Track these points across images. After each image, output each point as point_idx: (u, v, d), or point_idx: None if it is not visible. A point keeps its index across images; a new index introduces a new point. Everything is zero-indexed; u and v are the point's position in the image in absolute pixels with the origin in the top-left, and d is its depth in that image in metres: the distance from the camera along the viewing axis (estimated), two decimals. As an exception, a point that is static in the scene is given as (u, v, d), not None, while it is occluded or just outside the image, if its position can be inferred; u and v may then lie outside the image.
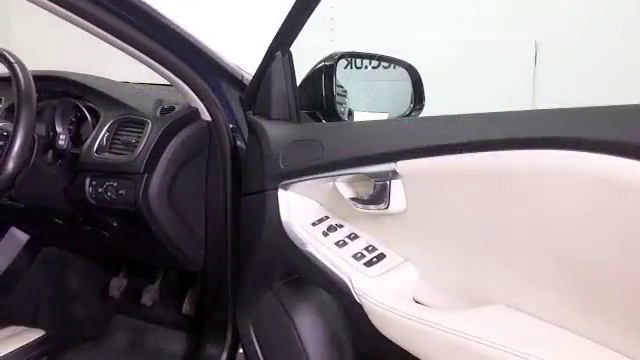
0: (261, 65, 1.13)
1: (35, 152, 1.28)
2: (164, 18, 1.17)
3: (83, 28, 1.05)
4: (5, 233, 1.75)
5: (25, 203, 1.37)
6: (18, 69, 1.23)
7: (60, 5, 0.98)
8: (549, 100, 2.34)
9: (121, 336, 1.85)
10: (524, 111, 0.79)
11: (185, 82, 1.23)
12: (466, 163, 0.78)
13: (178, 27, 1.21)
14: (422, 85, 1.31)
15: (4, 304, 1.70)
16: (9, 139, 1.18)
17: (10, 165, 1.16)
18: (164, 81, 1.25)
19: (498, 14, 2.47)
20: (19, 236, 1.77)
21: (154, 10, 1.15)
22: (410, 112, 1.31)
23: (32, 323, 1.21)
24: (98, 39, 1.10)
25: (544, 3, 2.37)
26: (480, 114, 0.81)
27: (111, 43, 1.11)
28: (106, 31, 1.07)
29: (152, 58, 1.16)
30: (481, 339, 0.73)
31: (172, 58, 1.18)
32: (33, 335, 1.16)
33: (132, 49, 1.13)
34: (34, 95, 1.22)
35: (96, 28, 1.06)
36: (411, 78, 1.32)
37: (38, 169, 1.29)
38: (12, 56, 1.26)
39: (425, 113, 1.31)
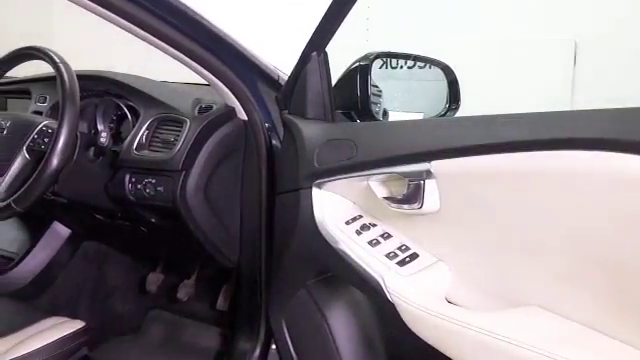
0: (297, 65, 1.14)
1: (78, 149, 1.31)
2: (203, 19, 1.20)
3: (124, 28, 1.09)
4: (48, 228, 1.81)
5: (67, 198, 1.41)
6: (63, 69, 1.27)
7: (101, 5, 1.02)
8: (588, 101, 2.30)
9: (157, 330, 1.89)
10: (561, 112, 0.79)
11: (223, 82, 1.25)
12: (501, 163, 0.78)
13: (216, 28, 1.23)
14: (458, 85, 1.31)
15: (47, 295, 1.76)
16: (53, 136, 1.22)
17: (54, 161, 1.20)
18: (202, 81, 1.27)
19: (537, 14, 2.44)
20: (61, 231, 1.82)
21: (193, 11, 1.18)
22: (445, 112, 1.31)
23: (73, 315, 1.25)
24: (138, 39, 1.13)
25: (584, 3, 2.32)
26: (516, 114, 0.81)
27: (151, 43, 1.14)
28: (146, 31, 1.10)
29: (191, 58, 1.19)
30: (513, 340, 0.73)
31: (210, 58, 1.20)
32: (74, 326, 1.18)
33: (171, 49, 1.16)
34: (78, 94, 1.26)
35: (136, 28, 1.09)
36: (447, 78, 1.31)
37: (80, 166, 1.33)
38: (57, 56, 1.30)
39: (463, 113, 1.30)
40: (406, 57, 1.43)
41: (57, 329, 1.16)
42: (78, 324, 1.19)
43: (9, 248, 1.88)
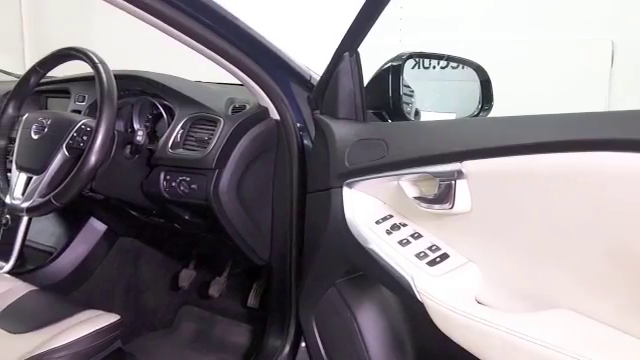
0: (329, 65, 1.15)
1: (115, 147, 1.34)
2: (237, 20, 1.21)
3: (159, 29, 1.11)
4: (86, 223, 1.85)
5: (104, 195, 1.44)
6: (102, 69, 1.30)
7: (136, 6, 1.04)
8: (625, 102, 2.25)
9: (188, 325, 1.92)
10: (596, 113, 0.78)
11: (256, 82, 1.27)
12: (534, 164, 0.77)
13: (250, 28, 1.24)
14: (491, 86, 1.30)
15: (83, 289, 1.80)
16: (92, 134, 1.25)
17: (92, 159, 1.23)
18: (236, 81, 1.29)
19: (574, 14, 2.39)
20: (98, 226, 1.86)
21: (227, 12, 1.19)
22: (478, 113, 1.30)
23: (108, 308, 1.27)
24: (174, 40, 1.15)
25: (621, 2, 2.27)
26: (550, 115, 0.80)
27: (186, 44, 1.16)
28: (181, 32, 1.12)
29: (225, 58, 1.21)
30: (543, 342, 0.72)
31: (244, 59, 1.22)
32: (109, 319, 1.20)
33: (206, 49, 1.18)
34: (115, 94, 1.29)
35: (172, 29, 1.11)
36: (480, 79, 1.31)
37: (117, 163, 1.36)
38: (96, 57, 1.33)
39: (498, 114, 1.29)
40: (439, 57, 1.42)
41: (92, 322, 1.19)
42: (113, 317, 1.21)
43: (48, 242, 1.93)
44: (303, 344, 1.40)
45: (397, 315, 1.12)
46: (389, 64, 1.22)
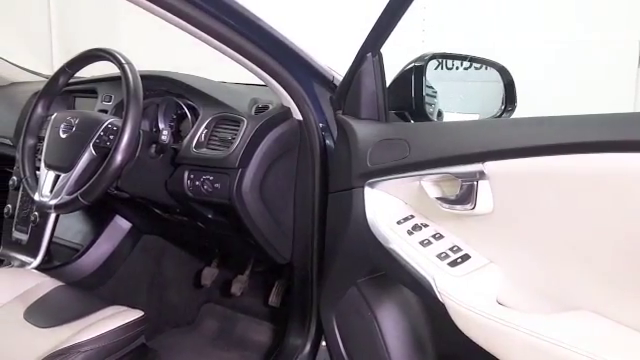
0: (352, 66, 1.15)
1: (140, 146, 1.36)
2: (260, 21, 1.22)
3: (183, 30, 1.12)
4: (111, 221, 1.88)
5: (129, 193, 1.46)
6: (128, 69, 1.32)
7: (162, 7, 1.06)
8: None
9: (210, 323, 1.94)
10: (619, 114, 0.77)
11: (279, 82, 1.27)
12: (556, 165, 0.77)
13: (273, 29, 1.25)
14: (514, 87, 1.29)
15: (108, 285, 1.83)
16: (118, 134, 1.27)
17: (118, 157, 1.25)
18: (259, 81, 1.30)
19: (601, 14, 2.36)
20: (123, 224, 1.89)
21: (250, 13, 1.20)
22: (501, 114, 1.30)
23: (132, 305, 1.29)
24: (198, 40, 1.17)
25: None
26: (572, 116, 0.80)
27: (210, 44, 1.17)
28: (205, 32, 1.13)
29: (248, 59, 1.22)
30: (564, 344, 0.72)
31: (267, 59, 1.23)
32: (133, 315, 1.22)
33: (229, 50, 1.19)
34: (141, 94, 1.30)
35: (196, 30, 1.12)
36: (503, 80, 1.30)
37: (142, 162, 1.38)
38: (123, 57, 1.35)
39: (524, 114, 1.28)
40: (462, 58, 1.42)
41: (117, 317, 1.20)
42: (137, 313, 1.23)
43: (74, 239, 1.96)
44: (324, 343, 1.41)
45: (418, 315, 1.12)
46: (412, 65, 1.22)
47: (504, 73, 1.30)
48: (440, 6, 2.75)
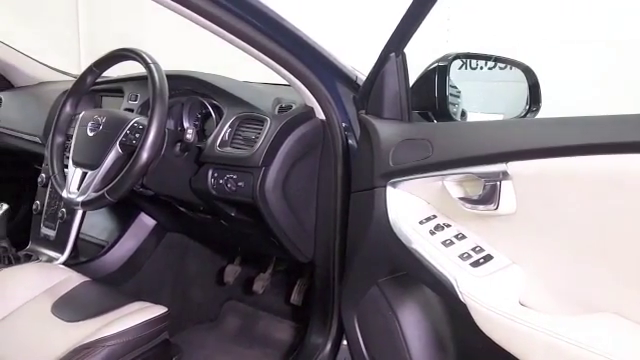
0: (375, 66, 1.15)
1: (165, 145, 1.37)
2: (284, 20, 1.23)
3: (208, 29, 1.13)
4: (136, 218, 1.91)
5: (154, 191, 1.48)
6: (154, 69, 1.34)
7: (186, 7, 1.07)
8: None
9: (232, 320, 1.95)
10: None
11: (302, 82, 1.28)
12: (580, 166, 0.76)
13: (297, 29, 1.26)
14: (539, 87, 1.28)
15: (132, 282, 1.85)
16: (144, 132, 1.29)
17: (144, 156, 1.27)
18: (282, 81, 1.31)
19: (631, 13, 2.32)
20: (147, 221, 1.91)
21: (274, 12, 1.21)
22: (525, 114, 1.29)
23: (155, 301, 1.30)
24: (223, 41, 1.18)
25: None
26: (596, 116, 0.79)
27: (234, 44, 1.18)
28: (229, 32, 1.14)
29: (272, 59, 1.23)
30: (586, 346, 0.72)
31: (291, 59, 1.24)
32: (157, 311, 1.23)
33: (253, 50, 1.20)
34: (167, 93, 1.32)
35: (220, 29, 1.13)
36: (528, 80, 1.29)
37: (167, 160, 1.39)
38: (149, 57, 1.37)
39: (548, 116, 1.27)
40: (486, 58, 1.41)
41: (141, 313, 1.22)
42: (161, 309, 1.24)
43: (100, 236, 1.99)
44: (345, 342, 1.41)
45: (439, 316, 1.12)
46: (435, 64, 1.22)
47: (529, 73, 1.29)
48: (465, 5, 2.73)
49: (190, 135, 1.39)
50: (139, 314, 1.22)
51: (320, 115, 1.34)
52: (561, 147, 0.79)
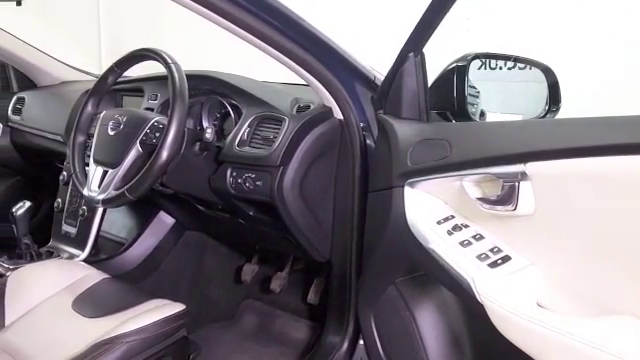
0: (393, 66, 1.15)
1: (185, 144, 1.38)
2: (302, 20, 1.24)
3: (227, 29, 1.14)
4: (155, 217, 1.93)
5: (174, 189, 1.49)
6: (174, 69, 1.35)
7: (204, 6, 1.08)
8: None
9: (250, 318, 1.96)
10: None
11: (320, 82, 1.28)
12: (601, 167, 0.75)
13: (315, 29, 1.26)
14: (559, 87, 1.27)
15: (151, 279, 1.87)
16: (164, 131, 1.30)
17: (164, 154, 1.28)
18: (301, 81, 1.31)
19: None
20: (166, 220, 1.93)
21: (293, 12, 1.22)
22: (545, 114, 1.28)
23: (174, 298, 1.31)
24: (242, 40, 1.19)
25: None
26: (616, 117, 0.78)
27: (253, 44, 1.19)
28: (248, 32, 1.15)
29: (290, 58, 1.23)
30: (605, 348, 0.71)
31: (309, 59, 1.24)
32: (175, 308, 1.24)
33: (272, 50, 1.20)
34: (187, 93, 1.33)
35: (239, 29, 1.14)
36: (547, 80, 1.28)
37: (187, 159, 1.40)
38: (169, 57, 1.38)
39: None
40: (506, 58, 1.40)
41: (160, 310, 1.23)
42: (179, 307, 1.25)
43: (120, 234, 2.02)
44: (361, 342, 1.41)
45: (456, 316, 1.11)
46: (454, 64, 1.22)
47: (548, 73, 1.28)
48: (485, 5, 2.71)
49: (209, 134, 1.40)
50: (158, 311, 1.23)
51: (338, 115, 1.35)
52: (581, 148, 0.78)
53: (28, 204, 1.70)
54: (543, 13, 2.55)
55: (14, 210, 1.67)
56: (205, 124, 1.61)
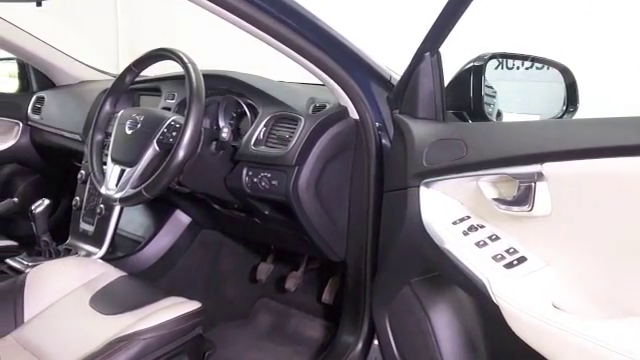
0: (410, 65, 1.15)
1: (201, 143, 1.39)
2: (318, 20, 1.24)
3: (244, 29, 1.15)
4: (171, 215, 1.94)
5: (190, 188, 1.50)
6: (191, 69, 1.35)
7: (222, 7, 1.08)
8: None
9: (265, 317, 1.97)
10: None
11: (336, 81, 1.28)
12: (617, 168, 0.75)
13: (331, 29, 1.27)
14: (577, 87, 1.26)
15: (167, 277, 1.88)
16: (180, 131, 1.31)
17: (180, 153, 1.29)
18: (317, 80, 1.32)
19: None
20: (183, 218, 1.94)
21: (309, 12, 1.22)
22: (562, 114, 1.27)
23: (189, 296, 1.32)
24: (258, 40, 1.19)
25: None
26: (633, 117, 0.78)
27: (269, 43, 1.19)
28: (265, 32, 1.15)
29: (306, 58, 1.23)
30: (622, 351, 0.70)
31: (325, 58, 1.24)
32: (191, 306, 1.25)
33: (288, 49, 1.21)
34: (203, 93, 1.34)
35: (255, 29, 1.14)
36: (565, 80, 1.27)
37: (203, 158, 1.41)
38: (186, 57, 1.39)
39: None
40: (523, 58, 1.39)
41: (176, 308, 1.24)
42: (195, 305, 1.26)
43: (137, 232, 2.03)
44: (376, 342, 1.41)
45: (471, 317, 1.11)
46: (470, 64, 1.21)
47: (566, 73, 1.28)
48: (503, 4, 2.69)
49: (226, 134, 1.41)
50: (174, 309, 1.24)
51: (354, 114, 1.35)
52: (599, 148, 0.78)
53: (47, 202, 1.72)
54: (562, 12, 2.53)
55: (33, 208, 1.70)
56: (221, 123, 1.62)
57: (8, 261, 1.69)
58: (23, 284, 1.32)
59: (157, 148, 1.42)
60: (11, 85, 2.52)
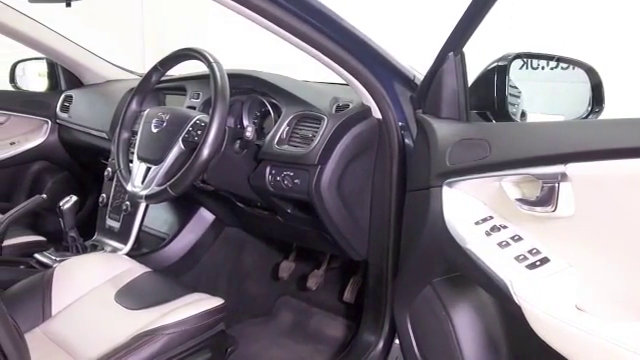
0: (433, 65, 1.15)
1: (225, 142, 1.40)
2: (342, 20, 1.24)
3: (268, 29, 1.15)
4: (196, 213, 1.96)
5: (214, 186, 1.52)
6: (216, 69, 1.37)
7: (247, 7, 1.09)
8: None
9: (286, 315, 1.98)
10: None
11: (360, 81, 1.29)
12: None
13: (355, 29, 1.27)
14: (602, 88, 1.24)
15: (191, 273, 1.91)
16: (205, 129, 1.32)
17: (205, 152, 1.31)
18: (340, 80, 1.32)
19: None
20: (206, 216, 1.96)
21: (333, 12, 1.22)
22: (587, 115, 1.25)
23: (212, 293, 1.33)
24: (283, 40, 1.20)
25: None
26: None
27: (293, 43, 1.20)
28: (289, 32, 1.16)
29: (330, 58, 1.24)
30: None
31: (349, 58, 1.24)
32: (214, 302, 1.26)
33: (312, 49, 1.21)
34: (228, 92, 1.35)
35: (279, 29, 1.15)
36: (591, 80, 1.25)
37: (227, 157, 1.42)
38: (212, 57, 1.40)
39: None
40: (548, 58, 1.38)
41: (199, 304, 1.26)
42: (218, 301, 1.28)
43: (161, 229, 2.06)
44: (397, 341, 1.41)
45: (493, 317, 1.10)
46: (495, 64, 1.21)
47: (592, 73, 1.26)
48: (529, 3, 2.66)
49: (249, 133, 1.42)
50: (197, 305, 1.25)
51: (377, 114, 1.35)
52: (623, 149, 0.77)
53: (74, 199, 1.75)
54: (588, 12, 2.49)
55: (61, 204, 1.73)
56: (245, 122, 1.64)
57: (36, 256, 1.72)
58: (51, 279, 1.35)
59: (182, 146, 1.44)
60: (41, 84, 2.57)
